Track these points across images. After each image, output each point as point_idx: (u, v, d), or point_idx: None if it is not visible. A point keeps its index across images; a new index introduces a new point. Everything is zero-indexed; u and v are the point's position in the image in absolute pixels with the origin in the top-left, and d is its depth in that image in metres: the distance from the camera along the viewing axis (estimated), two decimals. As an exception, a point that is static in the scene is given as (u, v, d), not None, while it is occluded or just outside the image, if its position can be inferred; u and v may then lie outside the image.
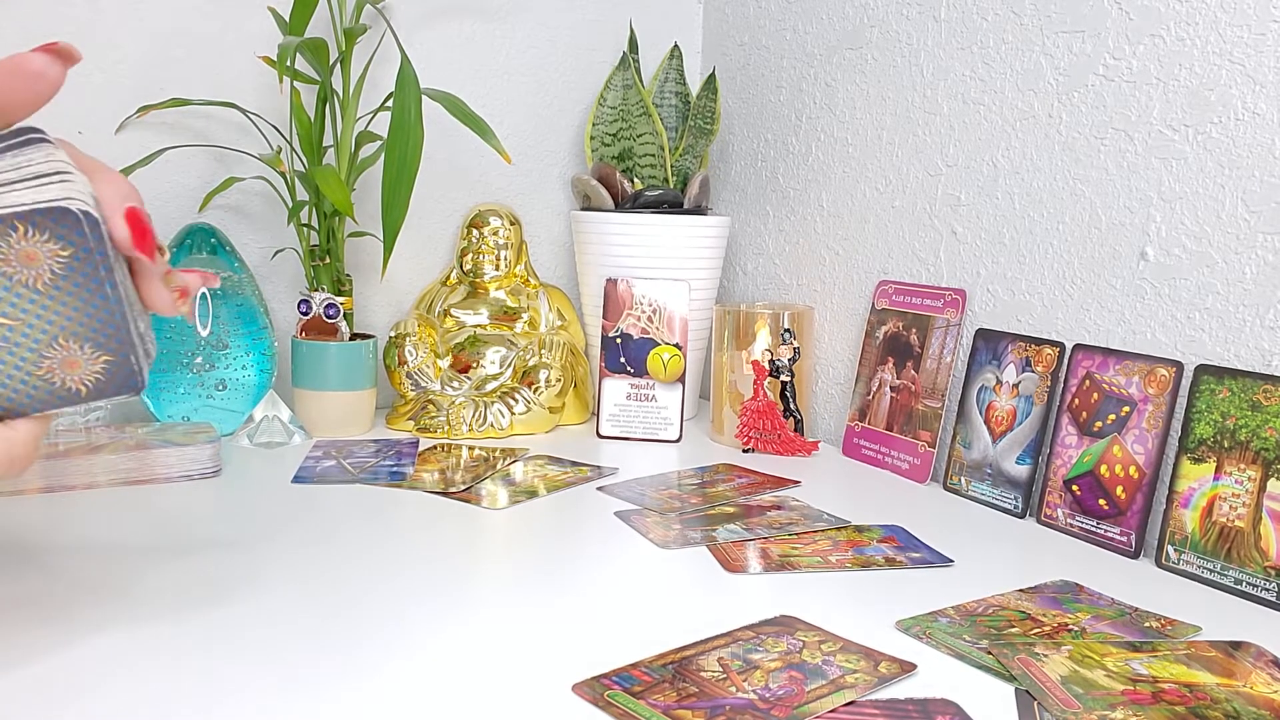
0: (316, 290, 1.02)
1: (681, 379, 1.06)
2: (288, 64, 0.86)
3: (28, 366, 0.44)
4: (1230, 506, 0.67)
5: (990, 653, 0.54)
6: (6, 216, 0.42)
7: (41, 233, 0.43)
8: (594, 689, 0.49)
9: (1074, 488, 0.77)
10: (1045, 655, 0.54)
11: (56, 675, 0.49)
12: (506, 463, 0.92)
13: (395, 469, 0.88)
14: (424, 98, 0.90)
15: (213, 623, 0.56)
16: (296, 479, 0.85)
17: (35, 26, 0.96)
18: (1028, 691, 0.50)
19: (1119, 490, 0.74)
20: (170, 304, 0.47)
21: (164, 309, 0.47)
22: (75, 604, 0.57)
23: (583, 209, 1.17)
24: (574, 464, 0.93)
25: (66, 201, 0.43)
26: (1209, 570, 0.67)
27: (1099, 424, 0.77)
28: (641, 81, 1.15)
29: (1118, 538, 0.74)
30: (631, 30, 1.21)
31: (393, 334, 1.08)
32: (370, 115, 1.04)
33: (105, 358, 0.45)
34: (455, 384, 1.07)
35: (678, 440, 1.05)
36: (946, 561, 0.70)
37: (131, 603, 0.58)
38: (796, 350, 1.01)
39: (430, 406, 1.04)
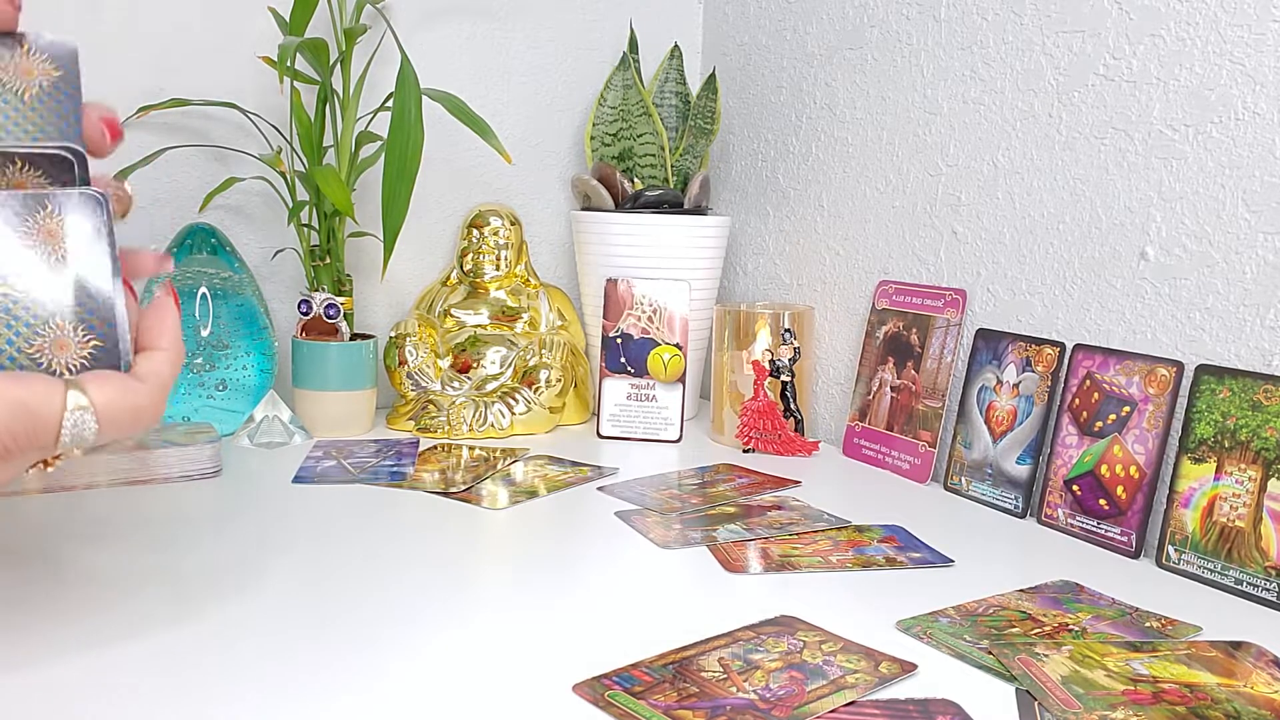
0: (317, 290, 1.02)
1: (682, 379, 1.06)
2: (288, 64, 0.86)
3: (20, 343, 0.45)
4: (1231, 506, 0.67)
5: (991, 653, 0.54)
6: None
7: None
8: (594, 689, 0.49)
9: (1074, 488, 0.77)
10: (1046, 655, 0.54)
11: (54, 676, 0.49)
12: (507, 463, 0.92)
13: (395, 469, 0.88)
14: (424, 98, 0.90)
15: (212, 623, 0.56)
16: (297, 479, 0.85)
17: (37, 26, 0.96)
18: (1028, 691, 0.50)
19: (1119, 490, 0.74)
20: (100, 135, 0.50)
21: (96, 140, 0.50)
22: (74, 604, 0.57)
23: (583, 209, 1.17)
24: (574, 464, 0.93)
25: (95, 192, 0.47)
26: (1209, 570, 0.67)
27: (1099, 424, 0.77)
28: (641, 81, 1.14)
29: (1118, 538, 0.74)
30: (631, 30, 1.21)
31: (393, 334, 1.08)
32: (370, 115, 1.04)
33: (95, 342, 0.46)
34: (455, 384, 1.07)
35: (678, 440, 1.05)
36: (947, 561, 0.70)
37: (130, 603, 0.58)
38: (797, 350, 1.01)
39: (430, 406, 1.04)
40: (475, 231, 1.14)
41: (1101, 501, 0.75)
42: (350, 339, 1.03)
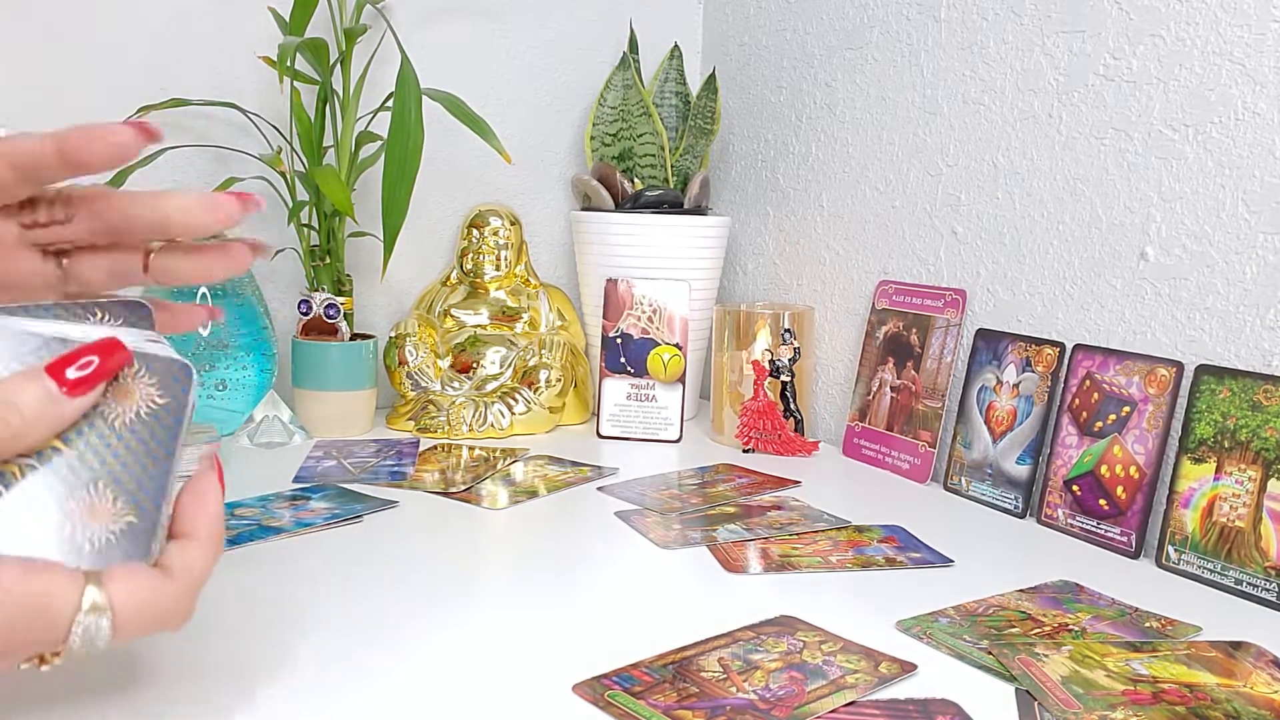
0: (317, 290, 1.02)
1: (681, 379, 1.06)
2: (288, 64, 0.86)
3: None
4: (1230, 507, 0.67)
5: (990, 653, 0.54)
6: (137, 354, 0.41)
7: (152, 376, 0.41)
8: (594, 689, 0.49)
9: (1074, 488, 0.77)
10: (1045, 655, 0.54)
11: (49, 675, 0.49)
12: (507, 463, 0.92)
13: (396, 469, 0.88)
14: (424, 98, 0.90)
15: (209, 623, 0.56)
16: (297, 479, 0.85)
17: (37, 26, 0.96)
18: (1028, 692, 0.50)
19: (1119, 490, 0.74)
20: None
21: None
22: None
23: (583, 209, 1.17)
24: (574, 464, 0.93)
25: (186, 360, 0.42)
26: (1209, 570, 0.67)
27: (1099, 424, 0.77)
28: (642, 81, 1.14)
29: (1118, 538, 0.74)
30: (631, 30, 1.21)
31: (393, 334, 1.08)
32: (370, 115, 1.04)
33: (130, 518, 0.39)
34: (455, 384, 1.07)
35: (678, 440, 1.05)
36: (947, 561, 0.70)
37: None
38: (797, 350, 1.01)
39: (430, 406, 1.04)
40: (475, 231, 1.14)
41: (1101, 502, 0.75)
42: (350, 339, 1.03)
